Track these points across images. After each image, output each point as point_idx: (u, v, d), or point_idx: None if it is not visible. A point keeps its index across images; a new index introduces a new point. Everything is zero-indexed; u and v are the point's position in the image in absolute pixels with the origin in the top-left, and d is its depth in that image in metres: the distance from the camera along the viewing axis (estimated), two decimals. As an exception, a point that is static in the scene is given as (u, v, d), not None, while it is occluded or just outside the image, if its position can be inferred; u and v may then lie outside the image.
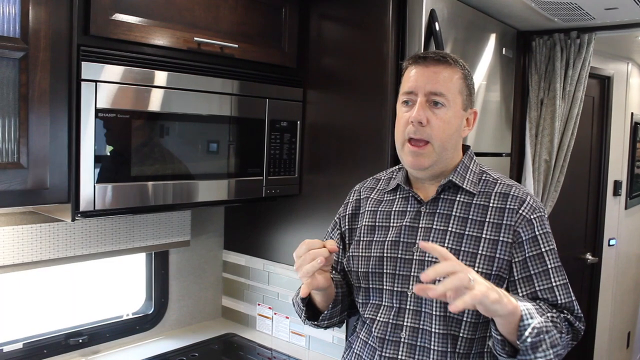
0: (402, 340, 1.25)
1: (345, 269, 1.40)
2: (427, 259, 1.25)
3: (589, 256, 3.16)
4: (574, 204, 3.03)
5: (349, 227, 1.42)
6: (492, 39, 2.22)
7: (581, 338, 1.28)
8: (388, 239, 1.30)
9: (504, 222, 1.23)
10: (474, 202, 1.28)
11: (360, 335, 1.36)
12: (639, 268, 3.84)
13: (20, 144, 1.36)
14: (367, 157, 1.85)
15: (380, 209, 1.36)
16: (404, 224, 1.30)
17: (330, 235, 1.47)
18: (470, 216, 1.26)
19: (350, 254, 1.37)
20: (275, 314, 2.22)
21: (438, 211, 1.29)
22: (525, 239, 1.23)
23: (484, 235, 1.23)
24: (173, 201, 1.69)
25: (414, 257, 1.26)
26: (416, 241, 1.27)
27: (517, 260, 1.22)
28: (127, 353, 2.00)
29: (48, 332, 1.87)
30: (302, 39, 2.03)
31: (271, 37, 1.94)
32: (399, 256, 1.27)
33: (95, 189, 1.49)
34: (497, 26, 2.26)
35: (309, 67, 2.03)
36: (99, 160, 1.49)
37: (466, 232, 1.25)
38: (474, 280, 1.01)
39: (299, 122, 2.03)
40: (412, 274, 1.26)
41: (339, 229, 1.44)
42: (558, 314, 1.20)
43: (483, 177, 1.32)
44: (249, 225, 2.27)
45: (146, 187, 1.61)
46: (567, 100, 2.38)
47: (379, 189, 1.41)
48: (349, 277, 1.40)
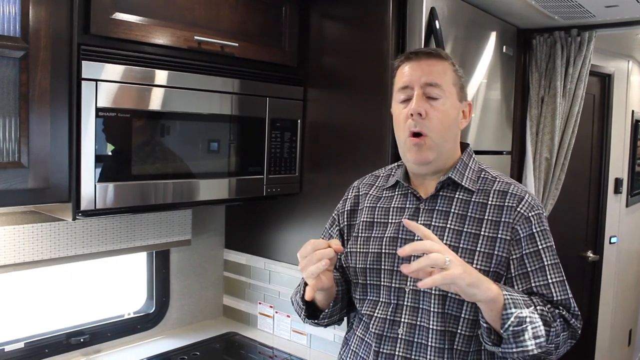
0: (399, 337, 1.25)
1: (343, 265, 1.40)
2: (425, 255, 1.24)
3: (590, 254, 3.16)
4: (575, 202, 3.03)
5: (347, 223, 1.42)
6: (493, 37, 2.22)
7: (582, 336, 1.28)
8: (386, 235, 1.31)
9: (502, 219, 1.24)
10: (472, 200, 1.28)
11: (356, 332, 1.36)
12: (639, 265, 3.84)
13: (20, 143, 1.36)
14: (368, 156, 1.85)
15: (379, 205, 1.36)
16: (403, 220, 1.30)
17: (328, 231, 1.47)
18: (469, 213, 1.26)
19: (348, 250, 1.37)
20: (276, 312, 2.22)
21: (437, 208, 1.29)
22: (522, 236, 1.23)
23: (482, 233, 1.24)
24: (174, 200, 1.69)
25: (412, 254, 1.26)
26: (415, 238, 1.26)
27: (515, 257, 1.23)
28: (129, 352, 2.00)
29: (49, 331, 1.88)
30: (302, 38, 2.03)
31: (271, 35, 1.94)
32: (397, 252, 1.27)
33: (96, 188, 1.49)
34: (498, 24, 2.26)
35: (309, 65, 2.03)
36: (99, 160, 1.49)
37: (465, 230, 1.25)
38: (450, 261, 1.05)
39: (299, 121, 2.03)
40: None
41: (337, 225, 1.44)
42: (552, 310, 1.20)
43: (482, 175, 1.32)
44: (250, 224, 2.27)
45: (147, 186, 1.61)
46: (567, 98, 2.38)
47: (378, 185, 1.41)
48: (347, 274, 1.39)
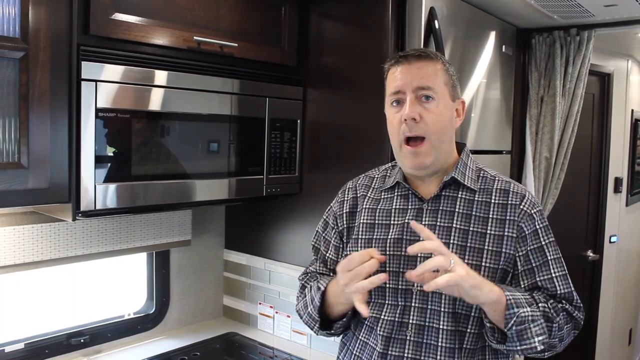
0: (407, 338, 1.25)
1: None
2: (432, 256, 1.24)
3: (590, 253, 3.16)
4: (574, 202, 3.03)
5: (347, 226, 1.40)
6: (492, 37, 2.22)
7: (583, 335, 1.29)
8: (390, 237, 1.30)
9: (507, 217, 1.26)
10: (475, 199, 1.29)
11: (359, 336, 1.34)
12: (640, 265, 3.84)
13: (20, 144, 1.36)
14: (368, 155, 1.85)
15: (380, 207, 1.35)
16: (407, 221, 1.29)
17: (323, 235, 1.45)
18: (474, 212, 1.27)
19: (348, 253, 1.35)
20: (276, 312, 2.22)
21: (441, 208, 1.29)
22: (527, 233, 1.26)
23: (488, 231, 1.25)
24: (174, 200, 1.69)
25: (418, 255, 1.25)
26: (420, 239, 1.26)
27: (521, 254, 1.25)
28: (129, 353, 2.00)
29: (49, 332, 1.88)
30: (302, 38, 2.03)
31: (271, 35, 1.94)
32: (403, 254, 1.27)
33: (95, 188, 1.49)
34: (497, 24, 2.26)
35: (309, 65, 2.03)
36: (99, 160, 1.49)
37: (471, 229, 1.26)
38: (454, 263, 1.08)
39: (299, 121, 2.03)
40: None
41: (335, 228, 1.42)
42: (555, 304, 1.23)
43: (481, 174, 1.33)
44: (250, 224, 2.27)
45: (147, 187, 1.61)
46: (567, 98, 2.38)
47: (375, 187, 1.40)
48: None
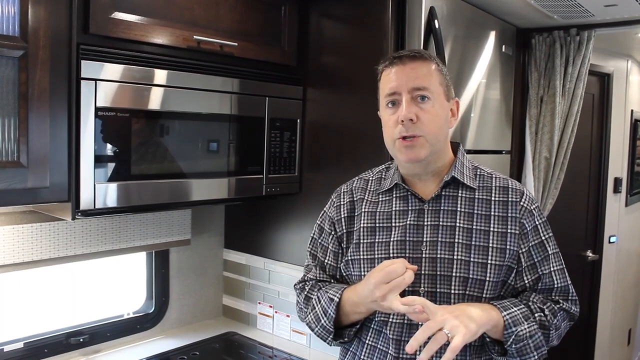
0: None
1: (343, 274, 1.38)
2: (438, 256, 1.24)
3: (589, 253, 3.16)
4: (574, 202, 3.03)
5: (346, 231, 1.37)
6: (492, 37, 2.22)
7: (582, 335, 1.31)
8: (393, 239, 1.29)
9: (509, 214, 1.27)
10: (476, 197, 1.29)
11: (365, 340, 1.32)
12: (639, 265, 3.84)
13: (20, 142, 1.36)
14: (367, 155, 1.85)
15: (379, 210, 1.34)
16: (408, 222, 1.29)
17: (319, 241, 1.43)
18: (475, 210, 1.28)
19: (350, 258, 1.34)
20: (276, 312, 2.22)
21: (442, 208, 1.29)
22: (529, 229, 1.28)
23: (492, 229, 1.26)
24: (173, 200, 1.69)
25: (422, 255, 1.25)
26: (423, 239, 1.27)
27: (523, 250, 1.27)
28: (128, 352, 2.00)
29: (49, 331, 1.88)
30: (302, 37, 2.03)
31: (271, 35, 1.94)
32: (407, 255, 1.26)
33: (95, 187, 1.48)
34: (497, 23, 2.26)
35: (308, 65, 2.03)
36: (99, 159, 1.49)
37: (474, 227, 1.26)
38: (449, 331, 1.08)
39: (299, 120, 2.03)
40: (422, 272, 1.24)
41: (333, 233, 1.39)
42: (552, 306, 1.26)
43: (478, 172, 1.34)
44: (250, 224, 2.27)
45: (146, 186, 1.61)
46: (567, 98, 2.38)
47: (371, 190, 1.38)
48: (343, 282, 1.38)
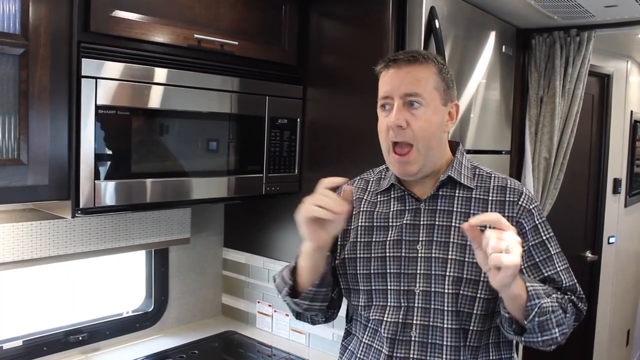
0: (412, 339, 1.24)
1: (336, 272, 1.37)
2: (433, 255, 1.24)
3: (588, 254, 3.16)
4: (573, 202, 3.03)
5: (343, 228, 1.38)
6: (492, 37, 2.22)
7: (581, 335, 1.31)
8: (389, 239, 1.29)
9: (506, 214, 1.25)
10: (473, 197, 1.28)
11: (362, 339, 1.33)
12: (638, 266, 3.84)
13: (20, 140, 1.36)
14: (367, 155, 1.85)
15: (377, 210, 1.34)
16: (405, 222, 1.29)
17: None
18: (472, 210, 1.27)
19: (346, 256, 1.34)
20: (275, 311, 2.22)
21: (438, 207, 1.28)
22: (528, 229, 1.26)
23: (488, 229, 1.23)
24: (173, 198, 1.69)
25: (418, 255, 1.25)
26: (419, 239, 1.27)
27: (523, 250, 1.21)
28: (127, 351, 2.00)
29: (48, 329, 1.88)
30: (302, 37, 2.03)
31: (271, 34, 1.94)
32: (403, 254, 1.27)
33: (95, 185, 1.49)
34: (497, 24, 2.26)
35: (309, 64, 2.03)
36: (99, 157, 1.49)
37: None
38: (509, 247, 1.02)
39: (299, 120, 2.03)
40: (417, 271, 1.25)
41: None
42: (563, 296, 1.24)
43: (477, 172, 1.33)
44: (249, 223, 2.27)
45: (146, 184, 1.61)
46: (566, 98, 2.38)
47: (370, 190, 1.39)
48: (340, 280, 1.37)
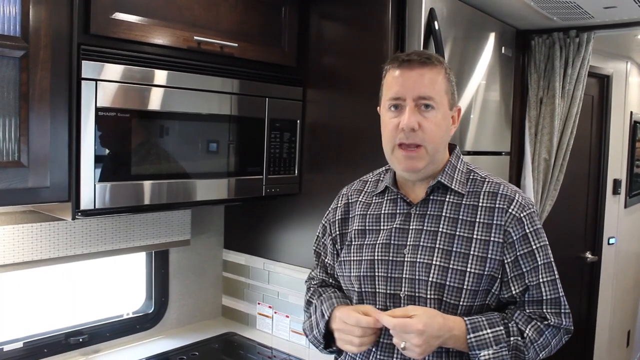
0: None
1: (337, 274, 1.40)
2: (418, 260, 1.24)
3: (588, 255, 3.16)
4: (573, 203, 3.03)
5: (339, 232, 1.40)
6: (492, 38, 2.23)
7: (581, 337, 1.30)
8: (379, 242, 1.30)
9: (494, 222, 1.23)
10: (463, 203, 1.27)
11: None
12: (638, 266, 3.84)
13: (20, 142, 1.36)
14: (367, 156, 1.85)
15: (370, 212, 1.35)
16: (395, 226, 1.29)
17: (322, 240, 1.46)
18: (461, 216, 1.26)
19: (342, 259, 1.36)
20: (275, 312, 2.22)
21: (428, 212, 1.28)
22: (515, 238, 1.23)
23: (475, 236, 1.23)
24: (173, 200, 1.69)
25: (405, 259, 1.26)
26: (407, 243, 1.27)
27: (509, 260, 1.23)
28: (128, 352, 2.00)
29: (48, 331, 1.88)
30: (302, 38, 2.03)
31: (271, 36, 1.95)
32: (390, 258, 1.27)
33: (95, 187, 1.49)
34: (496, 25, 2.26)
35: (308, 66, 2.04)
36: (99, 159, 1.49)
37: (457, 233, 1.24)
38: (406, 348, 1.14)
39: (298, 121, 2.03)
40: (403, 275, 1.25)
41: (330, 234, 1.42)
42: (537, 326, 1.23)
43: (471, 177, 1.31)
44: (249, 224, 2.28)
45: (146, 186, 1.61)
46: (566, 99, 2.38)
47: (367, 191, 1.40)
48: (341, 284, 1.40)
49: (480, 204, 1.26)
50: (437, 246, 1.24)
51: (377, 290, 1.28)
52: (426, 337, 1.13)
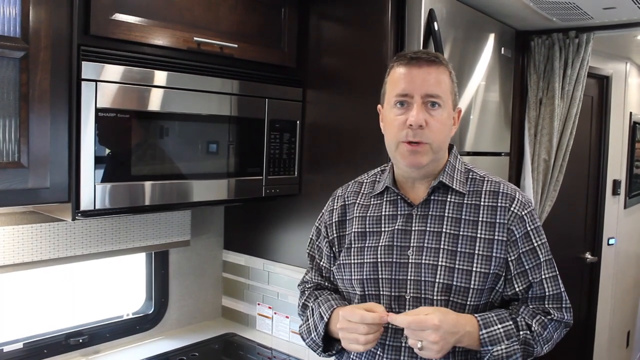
0: (402, 345, 1.25)
1: (335, 277, 1.39)
2: (423, 261, 1.24)
3: (588, 255, 3.16)
4: (573, 204, 3.03)
5: (337, 235, 1.38)
6: (491, 39, 2.23)
7: (581, 337, 1.31)
8: (381, 244, 1.29)
9: (497, 220, 1.25)
10: (465, 202, 1.28)
11: None
12: (638, 267, 3.85)
13: (20, 143, 1.36)
14: (367, 157, 1.86)
15: (369, 214, 1.34)
16: (396, 227, 1.29)
17: (316, 243, 1.45)
18: (463, 216, 1.26)
19: (341, 262, 1.34)
20: (275, 313, 2.22)
21: (430, 213, 1.28)
22: (518, 236, 1.25)
23: (478, 235, 1.24)
24: (173, 201, 1.69)
25: (409, 261, 1.26)
26: (410, 244, 1.27)
27: (513, 258, 1.25)
28: (128, 353, 2.00)
29: (48, 332, 1.88)
30: (301, 39, 2.04)
31: (271, 36, 1.95)
32: (394, 260, 1.27)
33: (95, 188, 1.49)
34: (496, 26, 2.26)
35: (308, 66, 2.04)
36: (99, 160, 1.49)
37: (461, 233, 1.25)
38: (422, 347, 1.13)
39: (298, 122, 2.04)
40: (408, 277, 1.25)
41: (326, 237, 1.41)
42: (541, 320, 1.25)
43: (470, 176, 1.32)
44: (249, 225, 2.28)
45: (146, 187, 1.61)
46: (565, 100, 2.38)
47: (364, 192, 1.39)
48: (337, 285, 1.39)
49: (482, 203, 1.27)
50: (442, 247, 1.24)
51: (382, 293, 1.27)
52: (443, 332, 1.12)
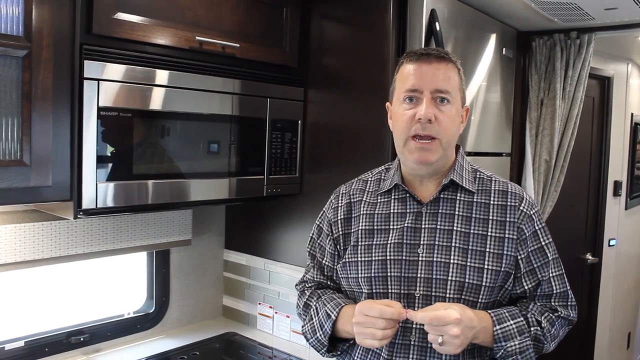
0: (412, 343, 1.24)
1: (339, 275, 1.38)
2: (435, 259, 1.24)
3: (589, 256, 3.16)
4: (574, 204, 3.03)
5: (342, 232, 1.37)
6: (493, 39, 2.23)
7: (581, 338, 1.32)
8: (390, 242, 1.29)
9: (507, 219, 1.26)
10: (475, 200, 1.29)
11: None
12: (639, 268, 3.84)
13: (23, 142, 1.37)
14: (368, 156, 1.86)
15: (377, 212, 1.33)
16: (406, 225, 1.29)
17: (318, 242, 1.44)
18: (474, 214, 1.27)
19: (347, 260, 1.34)
20: (276, 313, 2.22)
21: (440, 211, 1.28)
22: (528, 235, 1.27)
23: (489, 233, 1.25)
24: (174, 200, 1.69)
25: (419, 259, 1.25)
26: (420, 242, 1.27)
27: (522, 256, 1.27)
28: (128, 352, 2.00)
29: (49, 330, 1.88)
30: (303, 39, 2.04)
31: (272, 36, 1.95)
32: (404, 258, 1.26)
33: (97, 187, 1.49)
34: (497, 26, 2.27)
35: (310, 66, 2.04)
36: (101, 159, 1.49)
37: (472, 231, 1.26)
38: (443, 342, 1.13)
39: (300, 122, 2.04)
40: (418, 275, 1.25)
41: (330, 235, 1.40)
42: (550, 316, 1.27)
43: (477, 175, 1.33)
44: (250, 225, 2.28)
45: (148, 186, 1.62)
46: (567, 101, 2.38)
47: (370, 190, 1.38)
48: (340, 284, 1.39)
49: (492, 202, 1.28)
50: (454, 245, 1.25)
51: (390, 291, 1.27)
52: (463, 327, 1.13)
